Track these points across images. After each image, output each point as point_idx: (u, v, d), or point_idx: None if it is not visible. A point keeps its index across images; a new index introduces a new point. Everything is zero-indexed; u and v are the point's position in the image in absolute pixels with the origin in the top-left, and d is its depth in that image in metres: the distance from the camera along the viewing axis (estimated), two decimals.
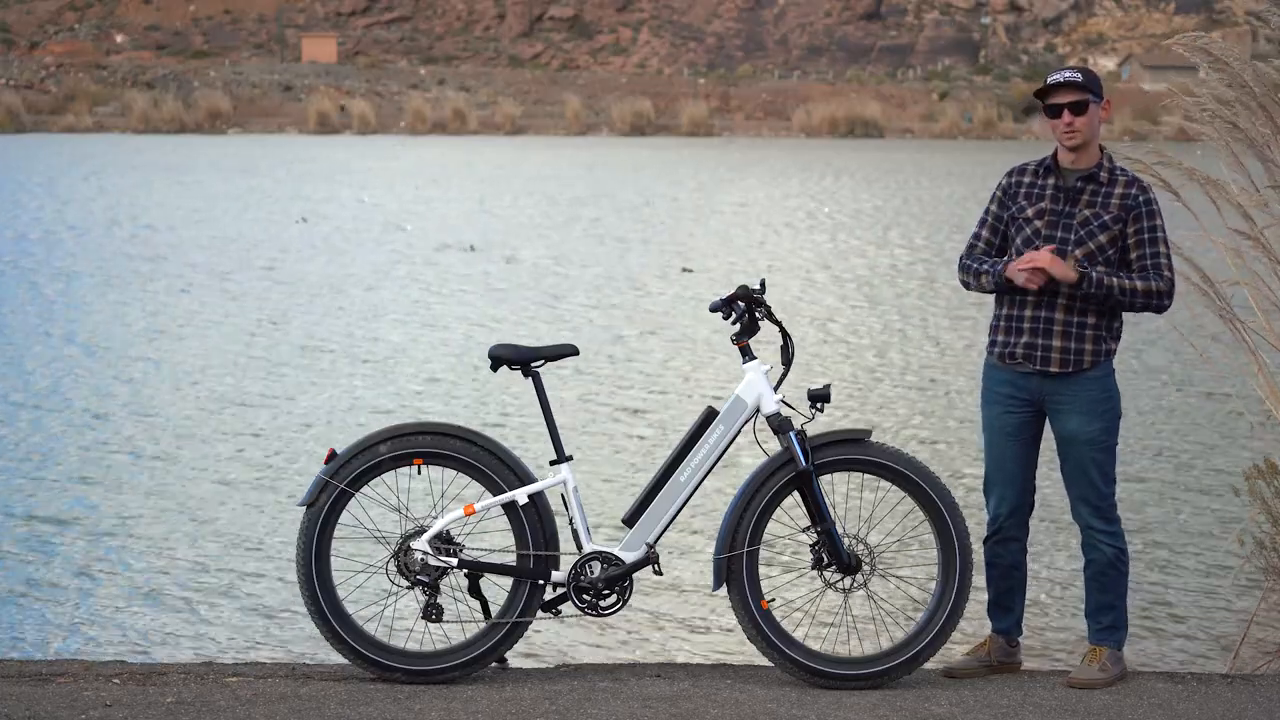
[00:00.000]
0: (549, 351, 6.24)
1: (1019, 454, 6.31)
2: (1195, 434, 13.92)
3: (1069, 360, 6.18)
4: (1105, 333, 6.22)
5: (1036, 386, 6.24)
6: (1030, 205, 6.26)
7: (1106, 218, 6.16)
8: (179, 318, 20.40)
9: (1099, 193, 6.19)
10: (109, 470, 12.59)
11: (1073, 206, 6.20)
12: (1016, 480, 6.32)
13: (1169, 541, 10.59)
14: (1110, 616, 6.33)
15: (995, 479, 6.35)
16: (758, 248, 29.13)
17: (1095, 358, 6.20)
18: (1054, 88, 6.19)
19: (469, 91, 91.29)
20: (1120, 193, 6.18)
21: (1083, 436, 6.20)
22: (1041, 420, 6.32)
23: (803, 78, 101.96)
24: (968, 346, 18.66)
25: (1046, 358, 6.20)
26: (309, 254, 27.79)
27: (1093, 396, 6.20)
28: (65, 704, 5.70)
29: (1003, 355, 6.31)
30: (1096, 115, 6.20)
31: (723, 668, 6.55)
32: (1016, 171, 6.38)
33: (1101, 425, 6.21)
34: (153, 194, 39.75)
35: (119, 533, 10.87)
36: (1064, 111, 6.17)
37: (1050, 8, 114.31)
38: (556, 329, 19.58)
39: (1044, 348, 6.20)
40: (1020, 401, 6.28)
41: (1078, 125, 6.17)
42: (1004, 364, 6.31)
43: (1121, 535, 6.32)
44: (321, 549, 6.05)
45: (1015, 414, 6.29)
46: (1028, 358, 6.22)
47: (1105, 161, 6.24)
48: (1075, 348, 6.18)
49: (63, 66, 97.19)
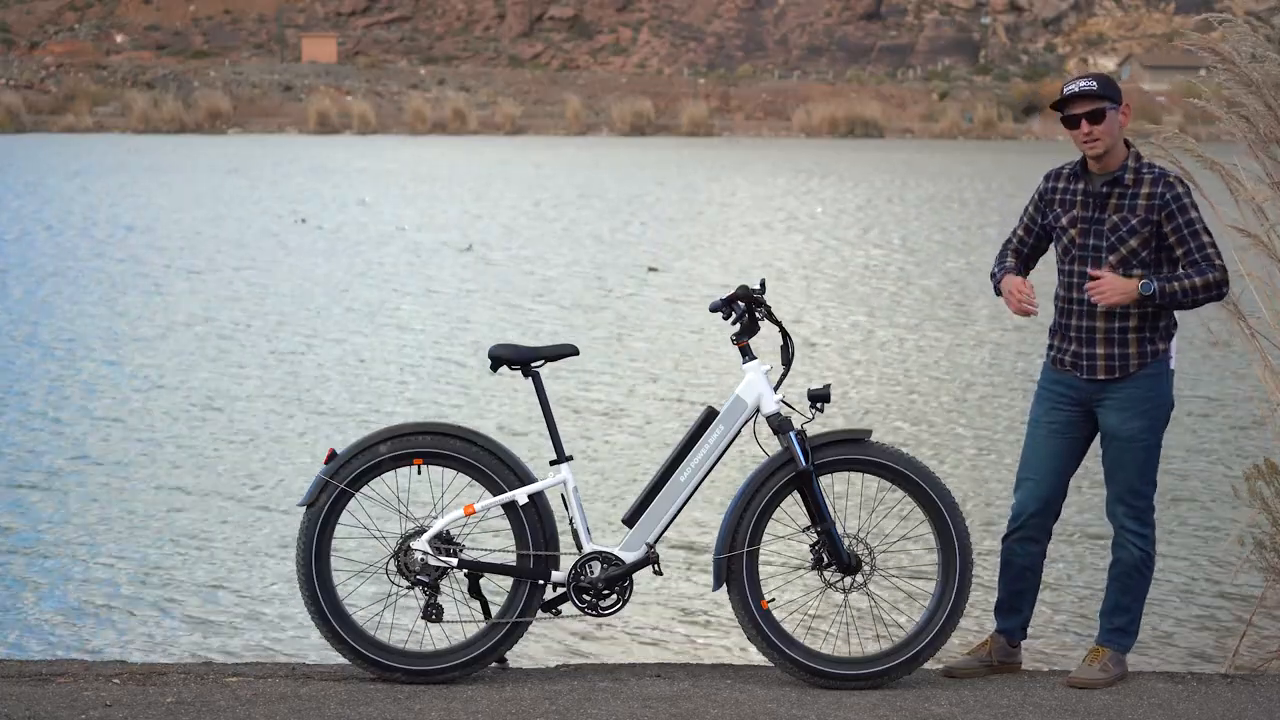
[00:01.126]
0: (549, 351, 6.25)
1: (1058, 451, 6.29)
2: (1195, 433, 13.91)
3: (1114, 366, 6.19)
4: (1150, 333, 6.20)
5: (1086, 389, 6.24)
6: (1065, 214, 6.28)
7: (1134, 221, 6.14)
8: (182, 313, 20.41)
9: (1125, 195, 6.17)
10: (109, 470, 12.59)
11: (1102, 212, 6.19)
12: (1048, 479, 6.30)
13: (1169, 541, 10.58)
14: (1124, 619, 6.32)
15: (1027, 475, 6.34)
16: (732, 247, 29.15)
17: (1141, 359, 6.19)
18: (1070, 99, 6.19)
19: (469, 91, 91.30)
20: (1146, 193, 6.15)
21: (1123, 433, 6.18)
22: (1088, 425, 6.30)
23: (803, 78, 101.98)
24: (957, 345, 18.67)
25: (1092, 365, 6.21)
26: (306, 254, 27.79)
27: (1138, 395, 6.18)
28: (65, 704, 5.70)
29: (1056, 360, 6.33)
30: (1116, 120, 6.18)
31: (723, 668, 6.54)
32: (1052, 177, 6.39)
33: (1143, 424, 6.18)
34: (136, 194, 39.70)
35: (119, 532, 10.86)
36: (1082, 122, 6.16)
37: (1050, 8, 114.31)
38: (557, 329, 19.58)
39: (1089, 356, 6.21)
40: (1069, 400, 6.28)
41: (1097, 134, 6.15)
42: (1057, 369, 6.33)
43: (1152, 540, 6.29)
44: (321, 549, 6.05)
45: (1063, 411, 6.28)
46: (1075, 365, 6.25)
47: (1131, 161, 6.20)
48: (1120, 353, 6.18)
49: (63, 66, 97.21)
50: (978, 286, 22.58)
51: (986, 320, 20.37)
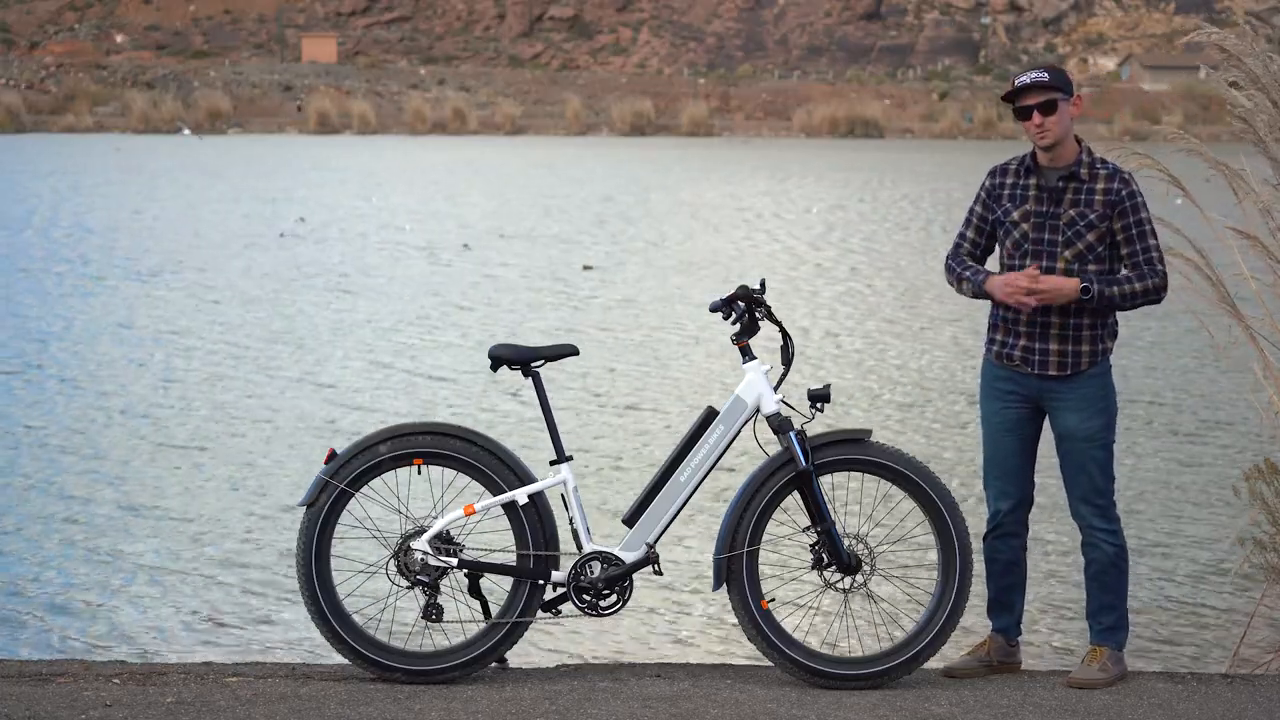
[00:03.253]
0: (549, 351, 6.25)
1: (1017, 449, 6.30)
2: (1195, 434, 13.91)
3: (1066, 363, 6.18)
4: (1101, 331, 6.22)
5: (1035, 385, 6.24)
6: (1015, 208, 6.23)
7: (1092, 216, 6.13)
8: (182, 313, 20.42)
9: (1081, 189, 6.16)
10: (108, 470, 12.59)
11: (1057, 207, 6.17)
12: (1015, 475, 6.32)
13: (1169, 541, 10.58)
14: (1111, 617, 6.33)
15: (993, 474, 6.35)
16: (733, 247, 29.17)
17: (1092, 358, 6.20)
18: (1022, 89, 6.18)
19: (469, 91, 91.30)
20: (1103, 188, 6.15)
21: (1081, 434, 6.20)
22: (1040, 417, 6.32)
23: (803, 78, 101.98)
24: (957, 345, 18.68)
25: (1044, 361, 6.19)
26: (305, 254, 27.80)
27: (1091, 394, 6.20)
28: (65, 704, 5.70)
29: (1000, 355, 6.30)
30: (1067, 112, 6.17)
31: (723, 668, 6.54)
32: (999, 172, 6.34)
33: (1101, 423, 6.21)
34: (108, 194, 39.64)
35: (118, 532, 10.86)
36: (1034, 113, 6.15)
37: (1050, 8, 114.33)
38: (556, 328, 19.58)
39: (1041, 351, 6.19)
40: (1019, 398, 6.27)
41: (1048, 125, 6.14)
42: (1002, 364, 6.31)
43: (1121, 534, 6.32)
44: (321, 549, 6.06)
45: (1014, 409, 6.28)
46: (1025, 360, 6.22)
47: (1084, 156, 6.20)
48: (1073, 350, 6.18)
49: (63, 66, 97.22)
50: None
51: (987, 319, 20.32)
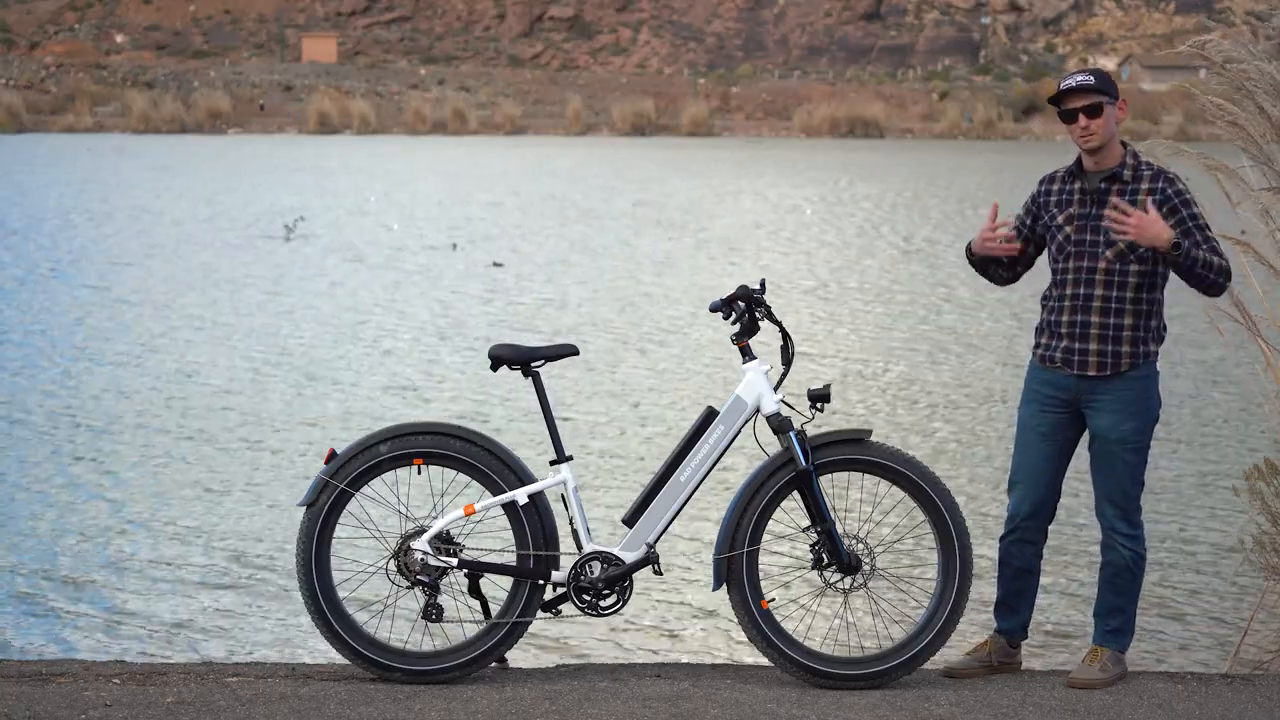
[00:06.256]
0: (549, 351, 6.24)
1: (1049, 454, 6.29)
2: (1196, 433, 13.91)
3: (1105, 363, 6.18)
4: (1143, 333, 6.20)
5: (1074, 386, 6.23)
6: (1060, 212, 6.28)
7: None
8: (181, 313, 20.43)
9: (1125, 191, 6.17)
10: (108, 471, 12.59)
11: (1100, 208, 6.19)
12: (1041, 481, 6.30)
13: (1169, 541, 10.59)
14: (1119, 620, 6.32)
15: (1020, 477, 6.34)
16: (735, 247, 29.18)
17: (1134, 359, 6.18)
18: (1068, 93, 6.20)
19: (469, 91, 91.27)
20: (1147, 188, 6.16)
21: (1114, 435, 6.19)
22: (1077, 426, 6.30)
23: (803, 78, 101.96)
24: (957, 344, 18.67)
25: (1084, 361, 6.20)
26: (304, 255, 27.81)
27: (1129, 397, 6.18)
28: (65, 704, 5.70)
29: (1043, 358, 6.32)
30: (1113, 115, 6.19)
31: (723, 668, 6.54)
32: (1046, 180, 6.39)
33: (1134, 425, 6.19)
34: (94, 192, 39.63)
35: (118, 533, 10.87)
36: (1079, 115, 6.17)
37: (1050, 8, 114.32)
38: (555, 328, 19.58)
39: (1080, 351, 6.20)
40: (1059, 402, 6.27)
41: (1094, 128, 6.16)
42: (1045, 366, 6.32)
43: (1142, 540, 6.30)
44: (321, 549, 6.05)
45: (1051, 414, 6.28)
46: (1065, 362, 6.23)
47: (1129, 159, 6.22)
48: (1112, 350, 6.17)
49: (63, 66, 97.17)
50: (979, 285, 22.60)
51: (987, 319, 20.37)
